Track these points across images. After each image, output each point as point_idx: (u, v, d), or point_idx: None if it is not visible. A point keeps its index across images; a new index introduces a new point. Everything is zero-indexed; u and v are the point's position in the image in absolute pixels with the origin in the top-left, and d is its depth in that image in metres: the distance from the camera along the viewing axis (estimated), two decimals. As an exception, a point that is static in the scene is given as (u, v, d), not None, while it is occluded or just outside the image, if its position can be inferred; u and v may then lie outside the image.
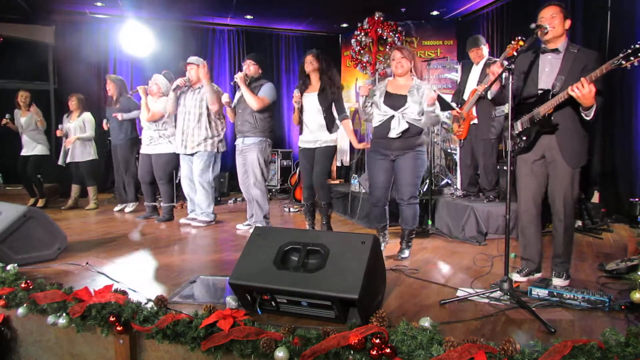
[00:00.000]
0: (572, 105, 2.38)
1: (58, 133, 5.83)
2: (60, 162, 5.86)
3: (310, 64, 3.71)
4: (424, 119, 3.14)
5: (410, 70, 3.22)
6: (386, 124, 3.15)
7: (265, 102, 4.04)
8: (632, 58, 2.08)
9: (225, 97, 4.21)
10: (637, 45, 2.06)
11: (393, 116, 3.13)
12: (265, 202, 4.19)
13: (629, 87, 4.62)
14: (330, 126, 3.75)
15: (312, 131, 3.76)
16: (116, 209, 5.56)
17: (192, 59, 4.46)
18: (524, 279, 2.68)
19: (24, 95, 5.74)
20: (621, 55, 2.12)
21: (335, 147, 3.82)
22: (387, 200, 3.34)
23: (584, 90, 2.23)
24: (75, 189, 5.92)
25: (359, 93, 3.21)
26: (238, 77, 4.02)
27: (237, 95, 4.25)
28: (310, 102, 3.74)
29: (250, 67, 4.15)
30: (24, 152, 5.82)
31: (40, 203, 5.96)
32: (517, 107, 2.61)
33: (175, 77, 4.64)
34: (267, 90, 4.08)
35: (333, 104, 3.73)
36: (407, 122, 3.12)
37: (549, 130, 2.50)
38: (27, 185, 5.97)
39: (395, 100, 3.16)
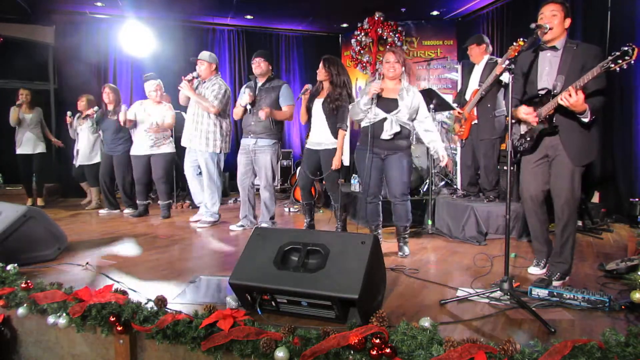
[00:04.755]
0: None
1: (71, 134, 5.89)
2: (76, 162, 5.88)
3: (319, 73, 3.76)
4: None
5: (401, 75, 3.29)
6: (378, 125, 3.22)
7: (292, 110, 4.12)
8: (619, 61, 2.10)
9: (244, 99, 4.08)
10: (625, 48, 2.07)
11: (385, 118, 3.21)
12: (273, 204, 4.22)
13: (629, 87, 4.62)
14: (335, 133, 3.77)
15: (317, 134, 3.81)
16: (102, 211, 5.51)
17: (201, 55, 4.46)
18: (544, 270, 2.77)
19: (24, 93, 5.73)
20: (610, 58, 2.14)
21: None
22: (380, 196, 3.44)
23: (571, 100, 2.27)
24: (86, 186, 5.98)
25: (367, 91, 3.21)
26: (262, 115, 3.95)
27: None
28: (316, 107, 3.80)
29: (261, 65, 4.09)
30: (24, 151, 5.77)
31: (40, 202, 5.98)
32: None
33: (171, 75, 4.66)
34: (288, 97, 4.09)
35: (337, 113, 3.72)
36: (399, 125, 3.22)
37: (551, 131, 2.51)
38: (28, 184, 5.97)
39: (387, 103, 3.24)
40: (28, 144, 5.79)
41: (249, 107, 4.07)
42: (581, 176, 2.54)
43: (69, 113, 5.68)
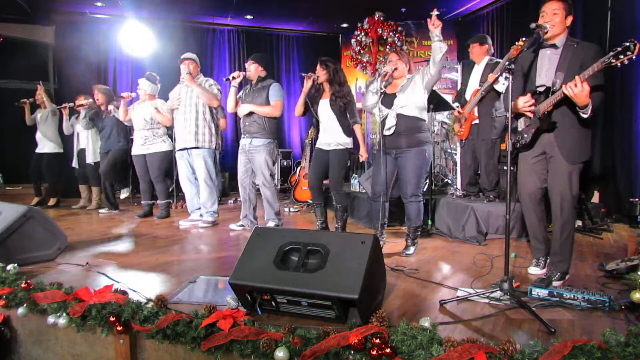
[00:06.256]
0: (571, 102, 2.37)
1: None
2: (74, 164, 5.90)
3: (318, 74, 3.78)
4: (433, 56, 3.05)
5: (407, 72, 3.33)
6: (383, 123, 3.28)
7: (281, 106, 4.13)
8: (621, 56, 2.09)
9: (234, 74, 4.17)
10: (627, 44, 2.06)
11: (388, 114, 3.26)
12: (276, 200, 4.27)
13: (629, 87, 4.62)
14: (347, 130, 3.80)
15: (326, 135, 3.83)
16: (102, 211, 5.54)
17: (188, 55, 4.48)
18: (544, 270, 2.76)
19: (41, 93, 5.88)
20: (611, 53, 2.13)
21: (348, 149, 3.84)
22: (386, 196, 3.40)
23: (576, 90, 2.24)
24: (84, 189, 5.99)
25: (380, 76, 3.24)
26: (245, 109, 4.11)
27: (242, 93, 4.29)
28: (324, 108, 3.82)
29: (250, 67, 4.17)
30: (38, 150, 5.90)
31: (52, 202, 6.01)
32: None
33: (171, 75, 4.67)
34: (277, 93, 4.12)
35: (346, 110, 3.79)
36: (396, 114, 3.22)
37: (549, 128, 2.51)
38: (36, 183, 6.02)
39: (388, 99, 3.28)
40: (39, 143, 5.90)
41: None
42: (579, 175, 2.53)
43: (70, 104, 5.75)
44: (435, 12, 2.90)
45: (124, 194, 5.52)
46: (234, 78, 4.13)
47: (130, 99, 5.12)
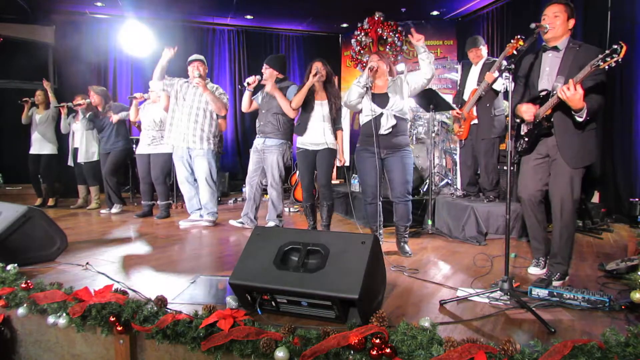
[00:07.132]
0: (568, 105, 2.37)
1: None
2: (70, 162, 5.92)
3: (320, 73, 3.73)
4: (423, 66, 3.20)
5: (388, 73, 3.39)
6: (376, 121, 3.28)
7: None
8: (608, 59, 2.12)
9: (249, 79, 4.15)
10: (615, 47, 2.09)
11: (382, 114, 3.28)
12: (280, 202, 4.29)
13: (629, 87, 4.62)
14: (334, 133, 3.85)
15: (314, 135, 3.80)
16: (103, 211, 5.54)
17: (197, 56, 4.49)
18: (544, 270, 2.76)
19: (40, 93, 5.89)
20: (600, 56, 2.15)
21: (336, 150, 3.87)
22: (380, 197, 3.45)
23: (568, 93, 2.25)
24: (82, 189, 5.98)
25: (369, 70, 3.26)
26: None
27: (260, 95, 4.29)
28: (320, 109, 3.81)
29: (265, 72, 4.19)
30: (33, 151, 5.88)
31: (51, 202, 6.01)
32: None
33: (171, 75, 4.66)
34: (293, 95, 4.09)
35: (337, 112, 3.84)
36: (394, 116, 3.27)
37: (547, 132, 2.51)
38: (37, 184, 6.01)
39: (380, 99, 3.31)
40: (36, 144, 5.88)
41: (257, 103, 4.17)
42: (581, 178, 2.53)
43: (69, 104, 5.74)
44: (413, 29, 3.13)
45: (115, 209, 5.46)
46: (249, 84, 4.13)
47: (142, 99, 5.11)
